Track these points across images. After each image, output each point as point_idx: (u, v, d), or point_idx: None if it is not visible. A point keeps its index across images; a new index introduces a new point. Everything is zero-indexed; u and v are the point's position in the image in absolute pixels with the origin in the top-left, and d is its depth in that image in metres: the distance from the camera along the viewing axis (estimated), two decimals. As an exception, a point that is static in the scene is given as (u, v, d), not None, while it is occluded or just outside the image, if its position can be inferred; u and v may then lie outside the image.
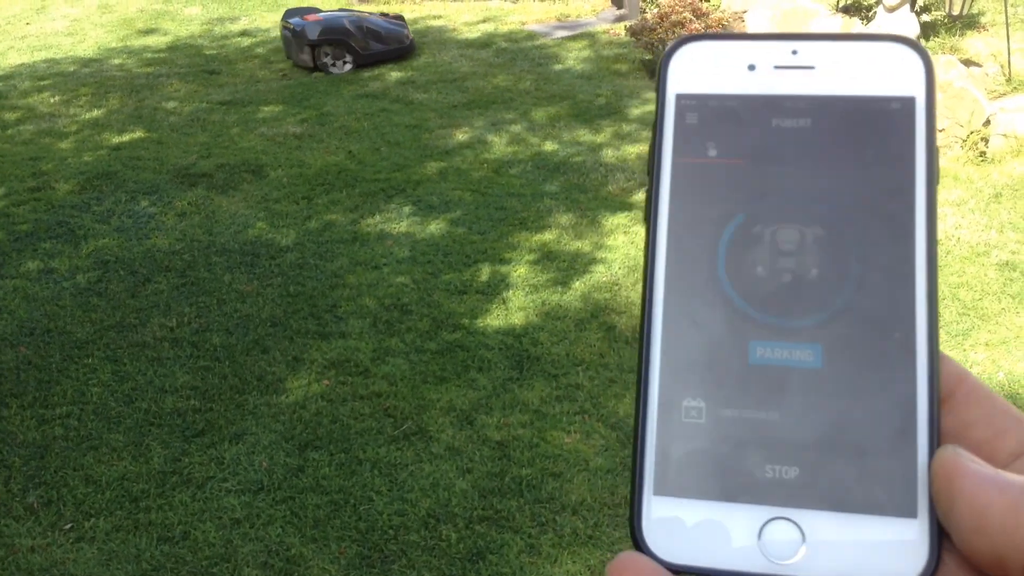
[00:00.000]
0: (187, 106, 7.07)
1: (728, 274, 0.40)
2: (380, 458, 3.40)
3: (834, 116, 0.41)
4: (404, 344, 4.07)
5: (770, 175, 0.41)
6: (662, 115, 0.43)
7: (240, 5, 9.95)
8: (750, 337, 0.39)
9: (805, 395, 0.38)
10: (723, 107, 0.42)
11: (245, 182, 5.72)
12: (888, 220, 0.40)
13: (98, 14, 9.67)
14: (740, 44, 0.43)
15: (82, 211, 5.34)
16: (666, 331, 0.40)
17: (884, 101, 0.41)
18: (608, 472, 3.31)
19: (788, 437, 0.38)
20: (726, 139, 0.41)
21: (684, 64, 0.43)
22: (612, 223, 5.12)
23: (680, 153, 0.42)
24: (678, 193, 0.41)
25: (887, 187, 0.40)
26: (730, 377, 0.39)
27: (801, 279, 0.40)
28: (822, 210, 0.40)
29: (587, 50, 8.23)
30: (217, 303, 4.41)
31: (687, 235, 0.41)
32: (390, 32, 7.99)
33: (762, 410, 0.39)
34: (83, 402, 3.72)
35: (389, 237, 5.03)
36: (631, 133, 6.38)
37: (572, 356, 3.96)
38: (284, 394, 3.77)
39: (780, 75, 0.42)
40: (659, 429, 0.39)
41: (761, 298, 0.40)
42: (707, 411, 0.39)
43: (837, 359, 0.39)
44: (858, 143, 0.41)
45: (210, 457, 3.42)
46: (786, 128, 0.41)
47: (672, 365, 0.40)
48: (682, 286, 0.40)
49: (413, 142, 6.31)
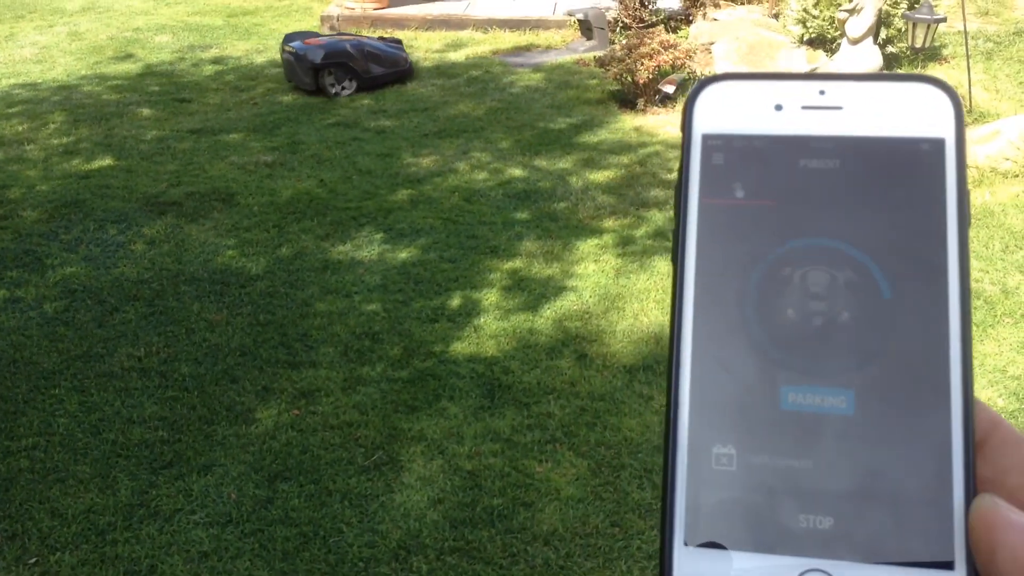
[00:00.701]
0: (157, 134, 7.05)
1: (758, 318, 0.39)
2: (350, 489, 3.39)
3: (863, 157, 0.40)
4: (375, 373, 4.07)
5: (799, 217, 0.40)
6: (688, 155, 0.42)
7: (211, 34, 9.96)
8: (781, 382, 0.38)
9: (838, 442, 0.38)
10: (750, 147, 0.41)
11: (215, 210, 5.70)
12: (920, 263, 0.39)
13: (67, 41, 9.64)
14: (767, 84, 0.42)
15: (49, 239, 5.30)
16: (695, 375, 0.39)
17: (913, 142, 0.40)
18: (579, 501, 3.32)
19: (821, 486, 0.37)
20: (754, 180, 0.41)
21: (710, 104, 0.43)
22: (582, 251, 5.16)
23: (707, 194, 0.41)
24: (705, 235, 0.41)
25: (918, 230, 0.39)
26: (761, 423, 0.38)
27: (832, 323, 0.39)
28: (853, 253, 0.39)
29: (557, 80, 8.31)
30: (186, 332, 4.38)
31: (715, 277, 0.40)
32: (389, 55, 8.13)
33: (794, 457, 0.38)
34: (49, 433, 3.68)
35: (360, 265, 5.03)
36: (600, 161, 6.44)
37: (543, 384, 3.98)
38: (253, 424, 3.75)
39: (808, 115, 0.41)
40: (689, 477, 0.38)
41: (792, 342, 0.39)
42: (738, 458, 0.38)
43: (870, 405, 0.38)
44: (888, 185, 0.40)
45: (178, 489, 3.39)
46: (814, 169, 0.41)
47: (701, 410, 0.39)
48: (711, 329, 0.40)
49: (384, 170, 6.33)
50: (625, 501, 3.32)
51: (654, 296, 4.67)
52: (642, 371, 4.06)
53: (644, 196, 5.89)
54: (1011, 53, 7.99)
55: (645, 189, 5.99)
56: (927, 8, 6.26)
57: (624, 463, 3.50)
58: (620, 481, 3.42)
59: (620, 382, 3.99)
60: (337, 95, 7.82)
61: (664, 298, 4.66)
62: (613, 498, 3.34)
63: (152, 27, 10.18)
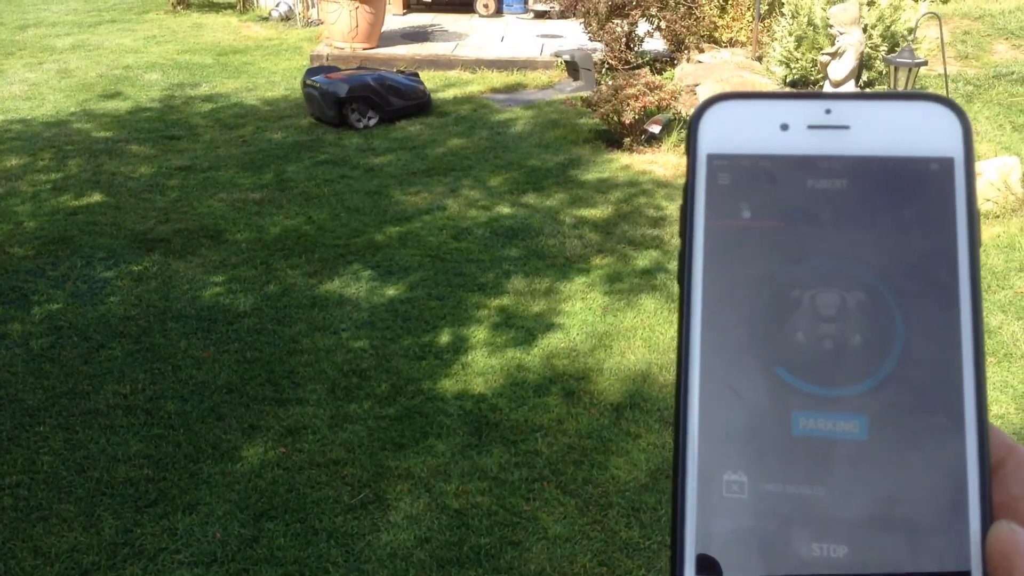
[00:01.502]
0: (146, 171, 7.07)
1: (768, 341, 0.38)
2: (337, 528, 3.37)
3: (871, 177, 0.40)
4: (362, 410, 4.06)
5: (807, 238, 0.39)
6: (693, 176, 0.41)
7: (201, 72, 10.02)
8: (792, 407, 0.38)
9: (851, 468, 0.37)
10: (756, 168, 0.41)
11: (203, 247, 5.71)
12: (931, 285, 0.38)
13: (57, 79, 9.68)
14: (772, 103, 0.42)
15: (36, 276, 5.29)
16: (703, 400, 0.39)
17: (922, 162, 0.40)
18: (567, 540, 3.31)
19: (835, 513, 0.36)
20: (760, 201, 0.40)
21: (715, 123, 0.42)
22: (570, 289, 5.18)
23: (713, 215, 0.40)
24: (712, 257, 0.40)
25: (929, 251, 0.39)
26: (772, 449, 0.37)
27: (844, 346, 0.38)
28: (863, 274, 0.39)
29: (545, 119, 8.40)
30: (172, 369, 4.37)
31: (723, 300, 0.39)
32: (409, 88, 8.32)
33: (807, 484, 0.37)
34: (33, 471, 3.65)
35: (348, 302, 5.04)
36: (587, 200, 6.49)
37: (531, 422, 3.98)
38: (239, 462, 3.73)
39: (814, 135, 0.41)
40: (699, 505, 0.38)
41: (803, 366, 0.38)
42: (749, 485, 0.37)
43: (883, 430, 0.37)
44: (897, 205, 0.39)
45: (163, 528, 3.36)
46: (822, 190, 0.40)
47: (711, 436, 0.38)
48: (719, 354, 0.39)
49: (372, 208, 6.36)
50: (613, 540, 3.31)
51: (641, 334, 4.70)
52: (629, 409, 4.07)
53: (631, 234, 5.93)
54: (990, 96, 8.13)
55: (632, 228, 6.04)
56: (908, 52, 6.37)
57: (612, 501, 3.50)
58: (608, 520, 3.41)
59: (608, 420, 4.00)
60: (358, 127, 8.03)
61: (651, 336, 4.68)
62: (601, 537, 3.33)
63: (142, 65, 10.24)
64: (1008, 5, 10.16)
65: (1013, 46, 9.17)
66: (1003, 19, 9.75)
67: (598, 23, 9.24)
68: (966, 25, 9.69)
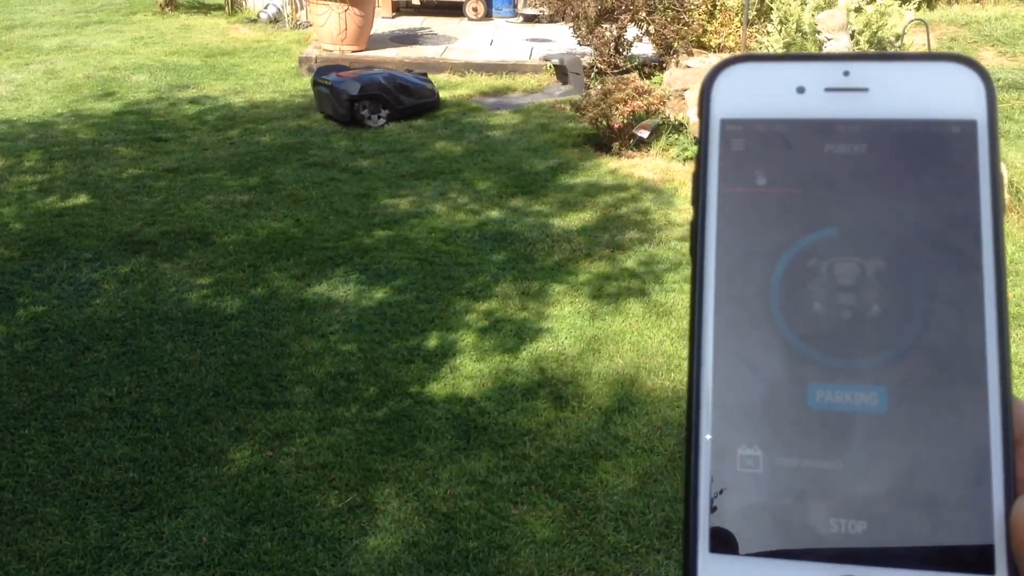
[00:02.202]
0: (133, 172, 7.04)
1: (783, 312, 0.37)
2: (324, 531, 3.35)
3: (891, 141, 0.38)
4: (350, 414, 4.05)
5: (825, 205, 0.38)
6: (706, 142, 0.40)
7: (188, 73, 9.99)
8: (809, 380, 0.37)
9: (870, 442, 0.36)
10: (772, 132, 0.39)
11: (190, 249, 5.68)
12: (953, 252, 0.37)
13: (43, 80, 9.63)
14: (788, 65, 0.40)
15: (22, 277, 5.26)
16: (718, 374, 0.37)
17: (944, 125, 0.38)
18: (555, 544, 3.30)
19: (853, 488, 0.35)
20: (776, 167, 0.39)
21: (728, 87, 0.40)
22: (558, 292, 5.18)
23: (727, 182, 0.39)
24: (726, 225, 0.39)
25: (951, 217, 0.37)
26: (788, 423, 0.36)
27: (862, 316, 0.37)
28: (882, 242, 0.37)
29: (533, 123, 8.40)
30: (158, 372, 4.35)
31: (737, 270, 0.38)
32: (419, 87, 8.42)
33: (824, 459, 0.36)
34: (18, 474, 3.62)
35: (336, 305, 5.02)
36: (576, 203, 6.50)
37: (519, 426, 3.98)
38: (226, 466, 3.71)
39: (832, 98, 0.39)
40: (713, 480, 0.36)
41: (820, 337, 0.37)
42: (764, 460, 0.36)
43: (903, 403, 0.36)
44: (918, 170, 0.38)
45: (148, 532, 3.34)
46: (840, 154, 0.39)
47: (725, 410, 0.37)
48: (734, 325, 0.38)
49: (361, 211, 6.35)
50: (601, 544, 3.31)
51: (629, 338, 4.70)
52: (618, 413, 4.07)
53: (619, 238, 5.94)
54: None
55: (620, 231, 6.05)
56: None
57: (600, 505, 3.50)
58: (596, 524, 3.41)
59: (596, 424, 4.00)
60: (374, 125, 8.13)
61: (640, 340, 4.68)
62: (589, 541, 3.33)
63: (129, 66, 10.20)
64: (994, 12, 10.24)
65: (999, 53, 9.23)
66: (989, 26, 9.82)
67: (587, 27, 9.26)
68: (952, 32, 9.75)
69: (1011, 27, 9.65)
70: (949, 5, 10.71)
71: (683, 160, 7.30)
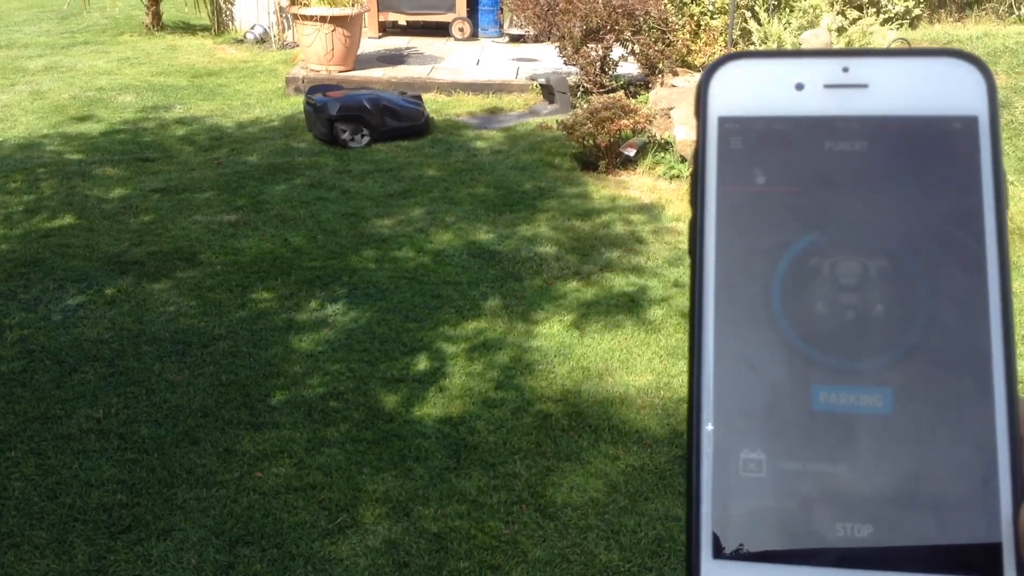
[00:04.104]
0: (120, 193, 7.02)
1: (785, 312, 0.37)
2: (314, 553, 3.33)
3: (892, 138, 0.38)
4: (339, 434, 4.04)
5: (825, 203, 0.38)
6: (704, 140, 0.39)
7: (175, 93, 9.99)
8: (812, 381, 0.36)
9: (875, 444, 0.35)
10: (770, 130, 0.39)
11: (178, 270, 5.67)
12: (957, 250, 0.36)
13: (29, 100, 9.60)
14: (786, 62, 0.40)
15: (8, 299, 5.23)
16: (719, 376, 0.37)
17: (945, 121, 0.38)
18: (547, 564, 3.29)
19: (858, 491, 0.35)
20: (775, 165, 0.38)
21: (726, 84, 0.40)
22: (547, 311, 5.19)
23: (726, 181, 0.39)
24: (725, 224, 0.38)
25: (953, 214, 0.37)
26: (792, 426, 0.36)
27: (865, 316, 0.36)
28: (885, 240, 0.37)
29: (519, 142, 8.43)
30: (146, 393, 4.32)
31: (738, 270, 0.38)
32: (406, 110, 8.36)
33: (828, 462, 0.35)
34: (4, 497, 3.59)
35: (324, 325, 5.01)
36: (564, 222, 6.52)
37: (509, 444, 3.97)
38: (214, 487, 3.69)
39: (831, 94, 0.39)
40: (715, 485, 0.36)
41: (822, 338, 0.36)
42: (768, 464, 0.36)
43: (908, 404, 0.36)
44: (919, 167, 0.37)
45: (136, 554, 3.31)
46: (840, 152, 0.38)
47: (727, 413, 0.36)
48: (735, 326, 0.37)
49: (349, 230, 6.35)
50: (592, 563, 3.30)
51: (618, 356, 4.71)
52: (607, 431, 4.07)
53: (607, 257, 5.96)
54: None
55: (608, 250, 6.07)
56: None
57: (591, 524, 3.49)
58: (587, 543, 3.40)
59: (586, 442, 3.99)
60: (350, 146, 8.10)
61: (629, 358, 4.69)
62: (580, 560, 3.32)
63: (115, 87, 10.19)
64: (975, 31, 10.37)
65: (980, 72, 9.33)
66: (970, 44, 9.93)
67: (573, 47, 9.32)
68: (934, 51, 9.86)
69: (992, 45, 9.77)
70: (931, 24, 10.84)
71: (669, 178, 7.34)
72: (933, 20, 10.95)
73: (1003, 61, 9.24)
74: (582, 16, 9.10)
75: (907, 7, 10.48)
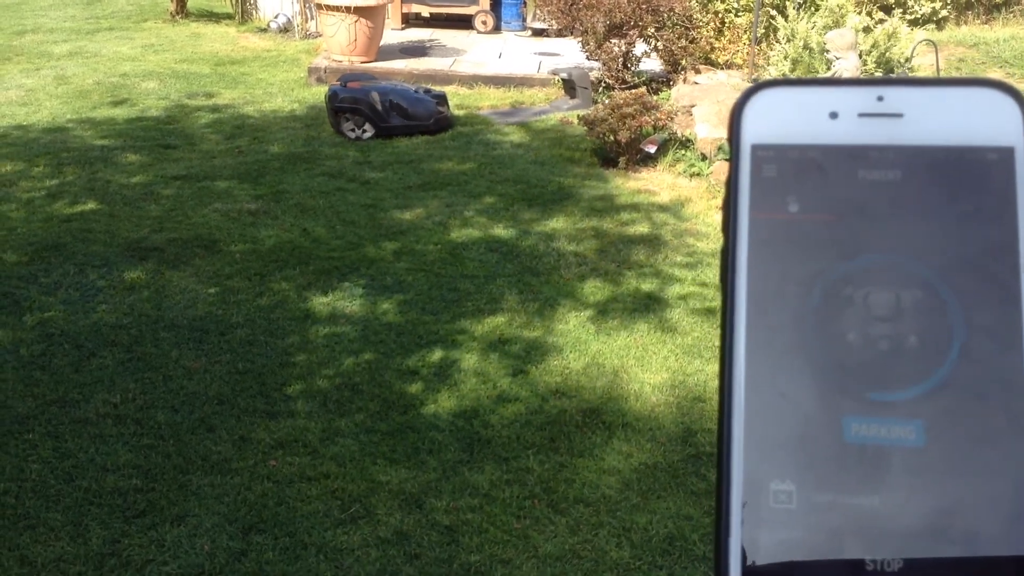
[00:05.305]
0: (141, 179, 7.06)
1: (817, 342, 0.36)
2: (326, 542, 3.35)
3: (926, 168, 0.37)
4: (354, 425, 4.05)
5: (859, 232, 0.37)
6: (737, 168, 0.39)
7: (199, 82, 10.03)
8: (844, 412, 0.36)
9: (906, 477, 0.35)
10: (804, 158, 0.39)
11: (197, 257, 5.70)
12: (991, 281, 0.36)
13: (54, 85, 9.67)
14: (820, 90, 0.39)
15: (29, 283, 5.27)
16: (750, 405, 0.36)
17: (980, 151, 0.37)
18: (557, 559, 3.30)
19: (890, 525, 0.35)
20: (809, 193, 0.38)
21: (760, 112, 0.40)
22: (563, 308, 5.19)
23: (759, 208, 0.38)
24: (758, 252, 0.38)
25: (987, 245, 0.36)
26: (823, 457, 0.35)
27: (898, 347, 0.36)
28: (918, 270, 0.36)
29: (540, 137, 8.42)
30: (163, 379, 4.35)
31: (770, 299, 0.37)
32: (416, 109, 8.29)
33: (860, 494, 0.35)
34: (21, 479, 3.62)
35: (342, 316, 5.03)
36: (583, 219, 6.51)
37: (523, 439, 3.97)
38: (229, 475, 3.71)
39: (866, 123, 0.38)
40: (746, 515, 0.35)
41: (855, 368, 0.36)
42: (798, 495, 0.35)
43: (941, 436, 0.35)
44: (953, 197, 0.37)
45: (150, 539, 3.34)
46: (874, 181, 0.38)
47: (757, 443, 0.36)
48: (766, 355, 0.37)
49: (368, 221, 6.36)
50: (603, 560, 3.30)
51: (634, 353, 4.70)
52: (621, 428, 4.06)
53: (626, 254, 5.94)
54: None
55: (627, 247, 6.05)
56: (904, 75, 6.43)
57: (603, 521, 3.49)
58: (598, 539, 3.40)
59: (600, 439, 3.99)
60: (357, 139, 8.11)
61: (644, 355, 4.68)
62: (591, 556, 3.32)
63: (139, 73, 10.24)
64: (1003, 33, 10.26)
65: (1007, 74, 9.24)
66: (997, 47, 9.84)
67: (596, 42, 9.29)
68: (961, 52, 9.77)
69: (1019, 48, 9.66)
70: (958, 26, 10.73)
71: (690, 176, 7.31)
72: (960, 22, 10.84)
73: (1030, 64, 9.14)
74: (606, 11, 9.07)
75: (934, 8, 10.38)
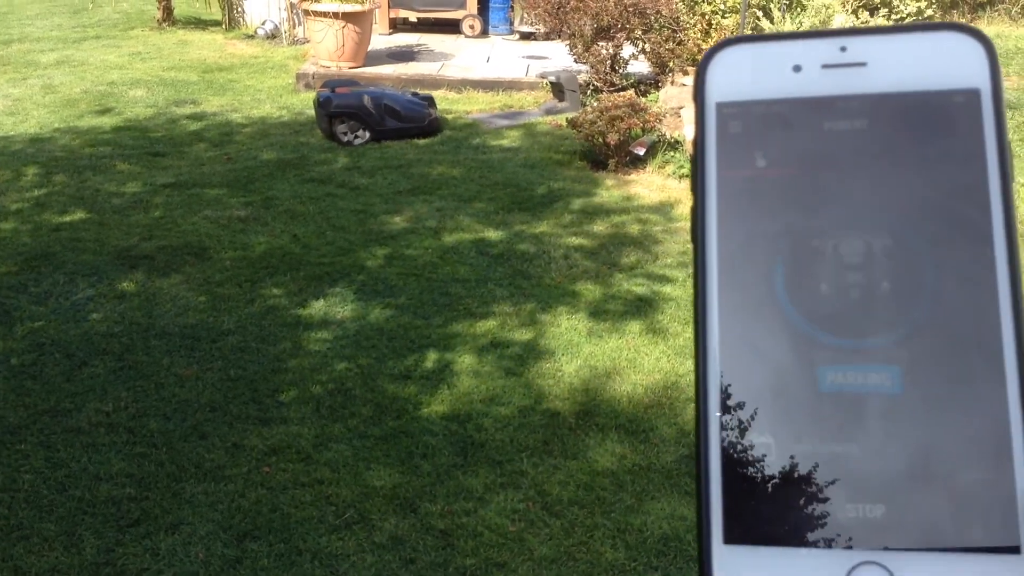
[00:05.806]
0: (130, 187, 7.04)
1: (789, 294, 0.36)
2: (321, 548, 3.35)
3: (892, 115, 0.37)
4: (347, 430, 4.05)
5: (827, 183, 0.37)
6: (703, 126, 0.39)
7: (186, 89, 10.02)
8: (819, 362, 0.36)
9: (885, 423, 0.35)
10: (769, 113, 0.39)
11: (187, 264, 5.69)
12: (962, 224, 0.36)
13: (41, 94, 9.64)
14: (782, 44, 0.39)
15: (18, 292, 5.25)
16: (725, 361, 0.36)
17: (946, 95, 0.37)
18: (553, 562, 3.30)
19: (870, 471, 0.35)
20: (775, 147, 0.38)
21: (723, 70, 0.40)
22: (555, 310, 5.19)
23: (726, 166, 0.38)
24: (727, 209, 0.38)
25: (957, 188, 0.36)
26: (800, 408, 0.35)
27: (871, 295, 0.36)
28: (888, 218, 0.36)
29: (529, 140, 8.43)
30: (155, 387, 4.34)
31: (740, 254, 0.37)
32: (409, 111, 8.33)
33: (838, 443, 0.35)
34: (14, 489, 3.61)
35: (333, 321, 5.02)
36: (573, 221, 6.52)
37: (516, 442, 3.98)
38: (223, 482, 3.70)
39: (829, 74, 0.38)
40: (725, 470, 0.35)
41: (828, 319, 0.36)
42: (776, 447, 0.35)
43: (918, 381, 0.35)
44: (921, 142, 0.37)
45: (145, 548, 3.33)
46: (840, 131, 0.38)
47: (734, 398, 0.36)
48: (739, 310, 0.37)
49: (358, 227, 6.36)
50: (598, 562, 3.31)
51: (626, 355, 4.71)
52: (615, 430, 4.07)
53: (616, 255, 5.95)
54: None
55: (617, 249, 6.07)
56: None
57: (597, 523, 3.50)
58: (593, 541, 3.41)
59: (593, 441, 4.00)
60: (349, 144, 8.10)
61: (636, 358, 4.69)
62: (587, 558, 3.32)
63: (127, 81, 10.22)
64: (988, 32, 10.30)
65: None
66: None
67: (583, 45, 9.31)
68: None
69: (1005, 47, 9.73)
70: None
71: (679, 177, 7.33)
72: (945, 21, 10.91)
73: (1015, 62, 9.20)
74: (593, 14, 9.09)
75: (919, 7, 10.45)
